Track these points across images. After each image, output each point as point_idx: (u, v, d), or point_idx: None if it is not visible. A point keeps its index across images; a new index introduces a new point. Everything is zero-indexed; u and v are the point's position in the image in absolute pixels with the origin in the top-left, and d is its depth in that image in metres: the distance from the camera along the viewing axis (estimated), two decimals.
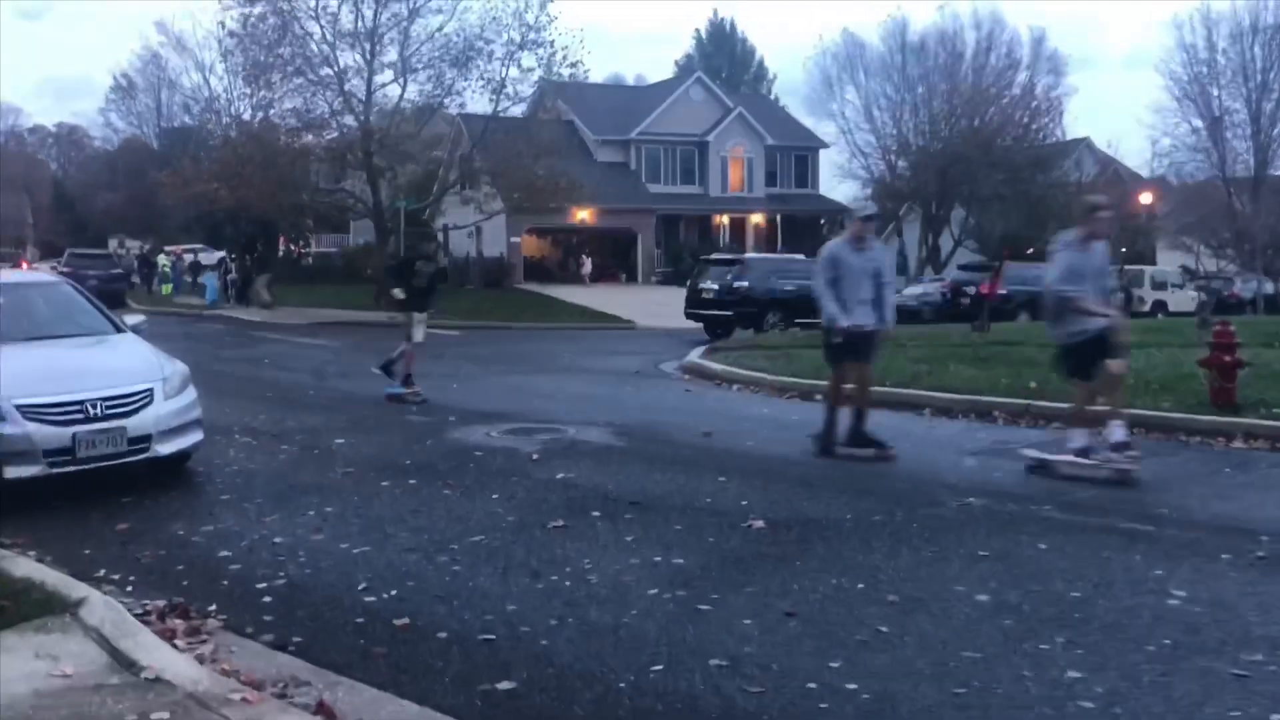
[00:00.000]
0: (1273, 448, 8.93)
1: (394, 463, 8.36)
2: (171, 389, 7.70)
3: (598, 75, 42.66)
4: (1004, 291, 23.71)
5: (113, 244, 72.43)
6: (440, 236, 44.57)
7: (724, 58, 66.94)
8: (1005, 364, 13.57)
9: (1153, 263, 45.51)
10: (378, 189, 32.48)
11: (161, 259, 41.91)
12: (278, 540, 6.15)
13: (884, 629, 4.58)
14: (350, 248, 52.46)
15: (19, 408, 6.94)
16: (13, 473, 6.88)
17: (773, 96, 61.23)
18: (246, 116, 32.05)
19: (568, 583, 5.29)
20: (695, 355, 17.30)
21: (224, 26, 31.05)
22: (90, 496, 7.11)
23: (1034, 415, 10.46)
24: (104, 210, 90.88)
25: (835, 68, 49.87)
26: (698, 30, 73.19)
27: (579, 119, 44.26)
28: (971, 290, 28.25)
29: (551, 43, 31.84)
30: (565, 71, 33.02)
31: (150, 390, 7.50)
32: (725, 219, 46.87)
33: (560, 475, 7.78)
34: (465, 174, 35.89)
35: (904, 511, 6.64)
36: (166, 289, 40.44)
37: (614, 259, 45.42)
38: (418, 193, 36.01)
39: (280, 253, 54.18)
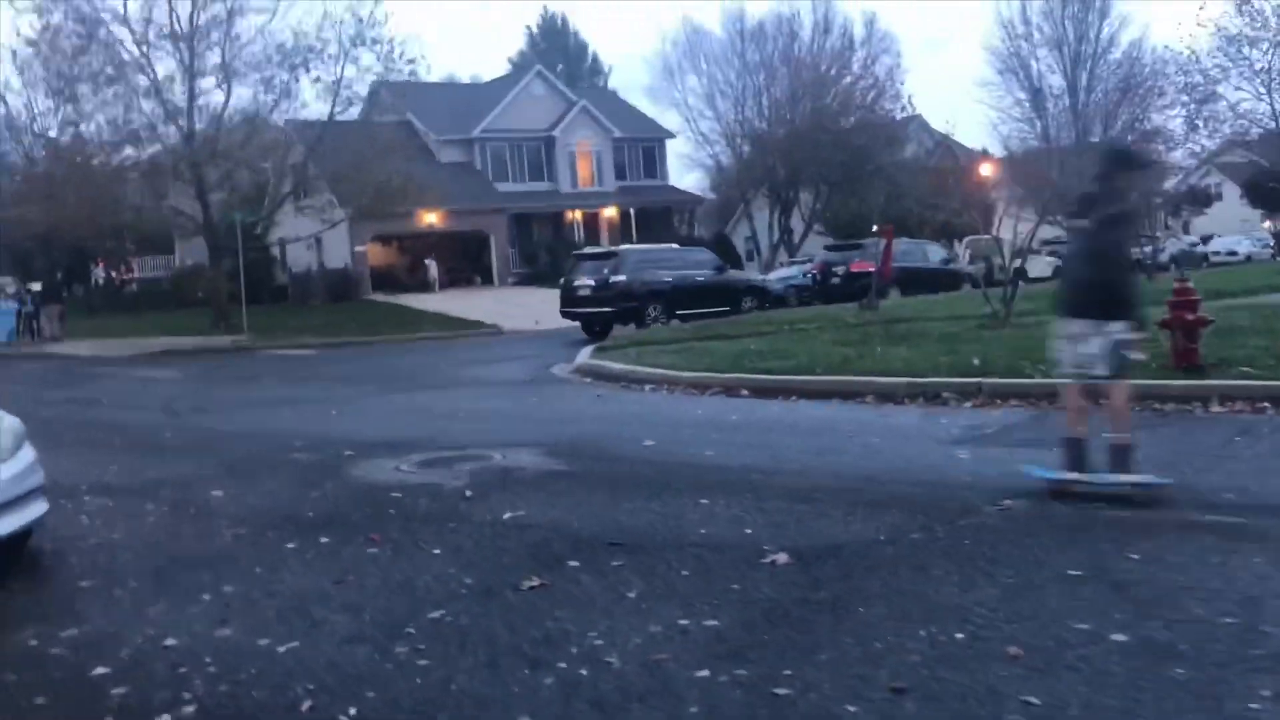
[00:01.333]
0: (1254, 409, 8.35)
1: (293, 515, 6.85)
2: (2, 451, 6.02)
3: (432, 76, 40.71)
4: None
5: None
6: (276, 251, 42.00)
7: (558, 54, 65.66)
8: (929, 341, 12.85)
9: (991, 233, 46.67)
10: (208, 204, 29.97)
11: None
12: (171, 642, 4.64)
13: (1033, 700, 3.49)
14: (178, 269, 48.93)
15: None
16: None
17: (611, 90, 60.36)
18: (53, 133, 29.04)
19: (583, 670, 4.02)
20: (586, 356, 16.10)
21: (19, 34, 28.01)
22: None
23: (989, 395, 9.68)
24: None
25: (676, 56, 49.48)
26: (529, 27, 71.83)
27: (418, 119, 42.28)
28: (841, 270, 27.94)
29: (390, 40, 30.03)
30: (405, 68, 31.23)
31: None
32: (578, 214, 45.66)
33: (508, 515, 6.44)
34: (300, 182, 33.64)
35: (941, 525, 5.60)
36: None
37: (466, 262, 43.63)
38: (250, 205, 33.51)
39: (100, 279, 50.23)
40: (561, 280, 23.91)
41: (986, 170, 45.77)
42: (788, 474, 7.08)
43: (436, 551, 5.79)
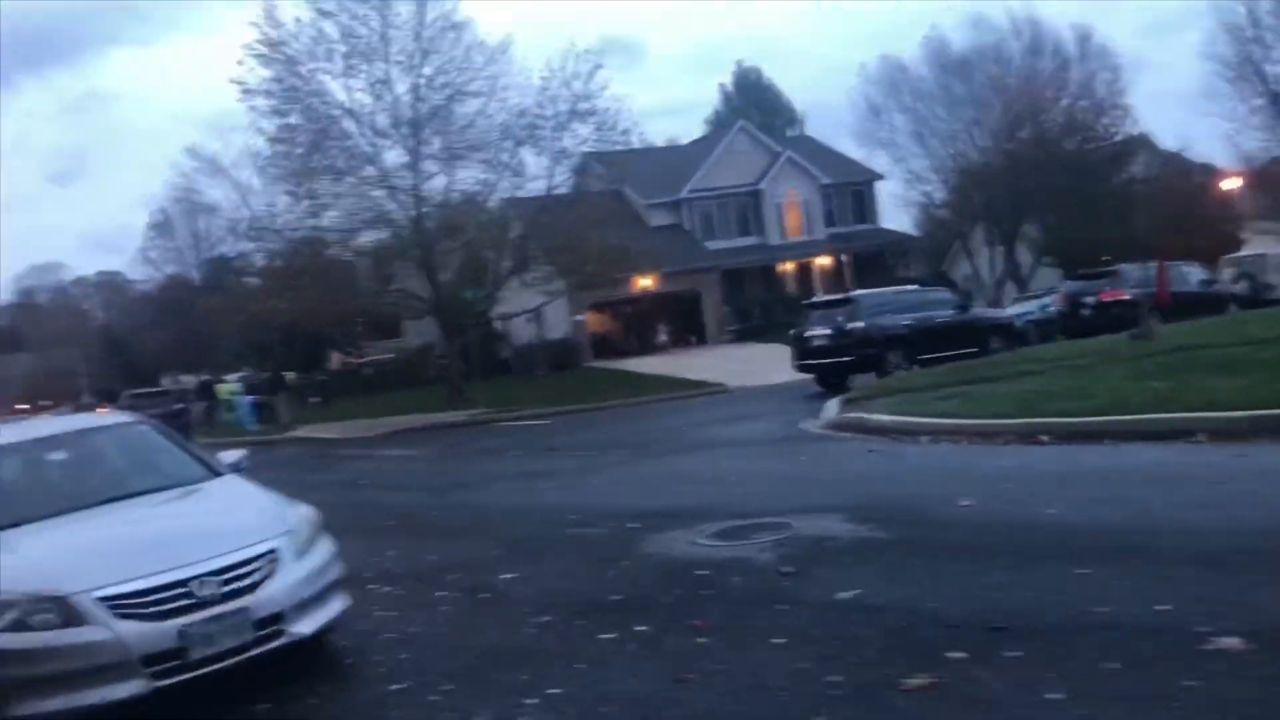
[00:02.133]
0: None
1: (596, 600, 6.23)
2: (301, 543, 5.65)
3: (636, 142, 40.75)
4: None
5: (166, 381, 71.83)
6: (498, 325, 43.03)
7: (754, 108, 65.48)
8: (1248, 368, 11.23)
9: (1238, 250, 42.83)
10: (437, 284, 30.82)
11: (223, 388, 40.36)
12: None
13: None
14: (407, 349, 50.98)
15: (103, 601, 4.93)
16: (101, 696, 4.84)
17: (810, 137, 59.52)
18: (292, 228, 30.62)
19: None
20: (835, 409, 15.14)
21: (263, 133, 29.76)
22: (209, 718, 5.06)
23: None
24: (154, 349, 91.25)
25: (880, 95, 48.17)
26: (722, 85, 72.05)
27: (626, 186, 42.65)
28: (1091, 300, 25.86)
29: (607, 110, 30.25)
30: (619, 137, 31.37)
31: (274, 550, 5.45)
32: (790, 265, 44.80)
33: (844, 594, 5.59)
34: (520, 257, 34.27)
35: None
36: (227, 417, 38.84)
37: (680, 322, 43.45)
38: (475, 283, 34.36)
39: (336, 365, 52.88)
40: (792, 332, 23.01)
41: (1233, 184, 42.29)
42: (1172, 533, 5.92)
43: (779, 641, 5.00)
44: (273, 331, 50.14)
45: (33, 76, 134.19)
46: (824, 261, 45.14)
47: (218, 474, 6.51)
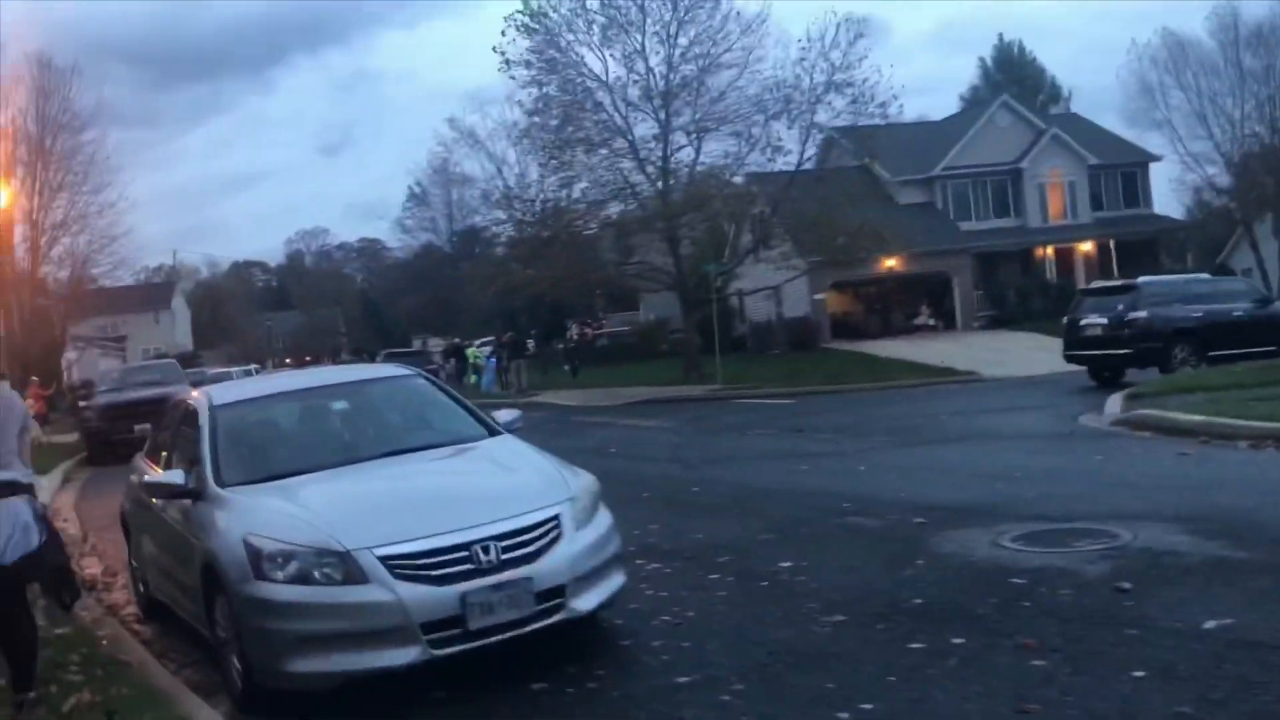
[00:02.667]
0: None
1: (895, 601, 5.55)
2: (583, 512, 5.26)
3: (899, 116, 38.95)
4: None
5: (416, 343, 75.60)
6: (734, 301, 42.56)
7: (1014, 84, 61.87)
8: None
9: None
10: (679, 258, 30.64)
11: (472, 351, 41.83)
12: None
13: None
14: (644, 323, 51.38)
15: (384, 560, 4.67)
16: (378, 661, 4.59)
17: (1077, 114, 55.63)
18: (544, 198, 31.18)
19: None
20: (1119, 405, 13.73)
21: (522, 106, 30.36)
22: (482, 692, 4.74)
23: None
24: (406, 313, 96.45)
25: (1156, 72, 44.33)
26: (981, 60, 68.51)
27: (875, 162, 41.05)
28: None
29: (865, 81, 29.09)
30: (875, 111, 30.12)
31: (557, 518, 5.08)
32: (1049, 250, 41.99)
33: (1207, 623, 4.67)
34: (762, 233, 33.60)
35: None
36: (473, 379, 40.23)
37: (927, 306, 41.55)
38: (715, 258, 33.98)
39: (575, 335, 53.93)
40: (1065, 319, 21.28)
41: None
42: None
43: (1139, 674, 4.17)
44: (519, 299, 51.76)
45: (308, 56, 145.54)
46: (1087, 247, 42.04)
47: (494, 432, 6.24)
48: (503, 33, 29.41)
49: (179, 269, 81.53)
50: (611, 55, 29.76)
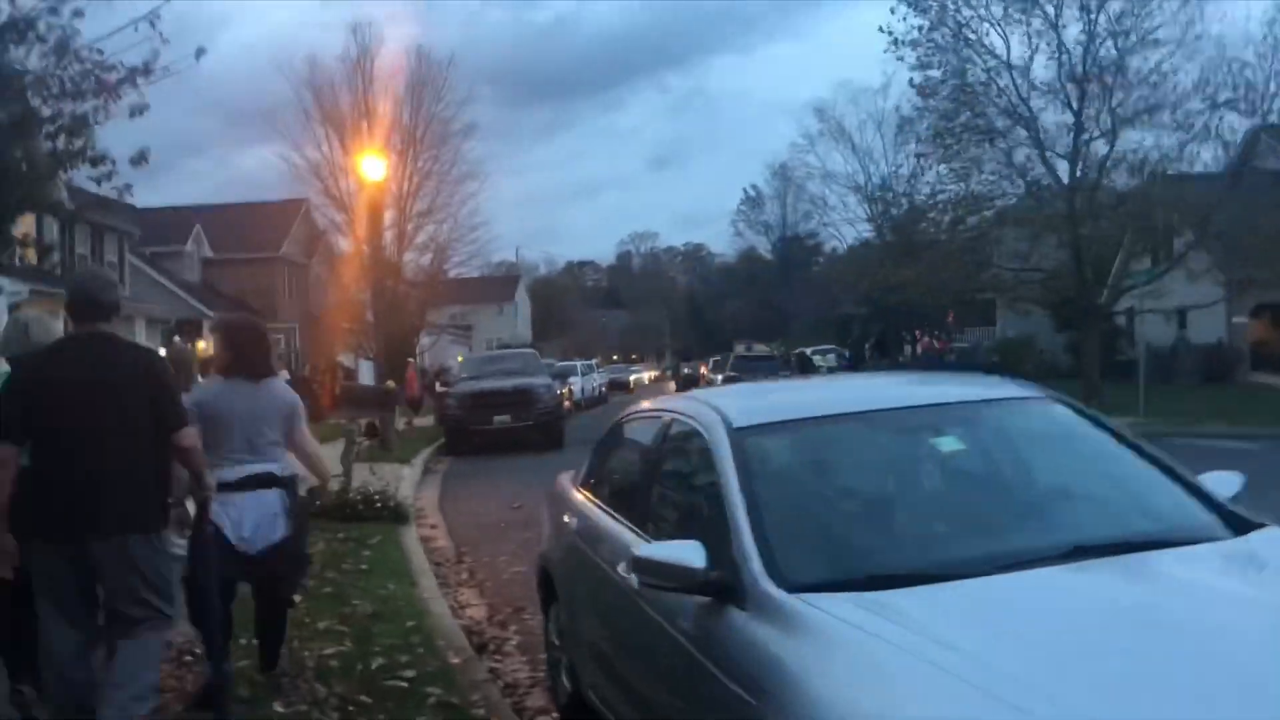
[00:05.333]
0: None
1: None
2: None
3: None
4: None
5: (739, 348, 73.94)
6: (1124, 321, 37.09)
7: None
8: None
9: None
10: (1083, 266, 26.33)
11: (818, 359, 39.20)
12: None
13: None
14: (1002, 339, 46.55)
15: None
16: None
17: None
18: (929, 193, 27.94)
19: None
20: None
21: (912, 83, 27.16)
22: None
23: None
24: (730, 317, 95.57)
25: None
26: None
27: None
28: None
29: None
30: None
31: None
32: None
33: None
34: (1180, 245, 28.46)
35: None
36: None
37: None
38: (1120, 269, 29.21)
39: (919, 347, 49.90)
40: None
41: None
42: None
43: None
44: (860, 306, 48.41)
45: (647, 78, 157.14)
46: None
47: (1241, 520, 3.31)
48: (891, 10, 26.40)
49: (519, 265, 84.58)
50: (1015, 32, 25.96)
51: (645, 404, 5.02)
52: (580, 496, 5.06)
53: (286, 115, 38.12)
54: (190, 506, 4.56)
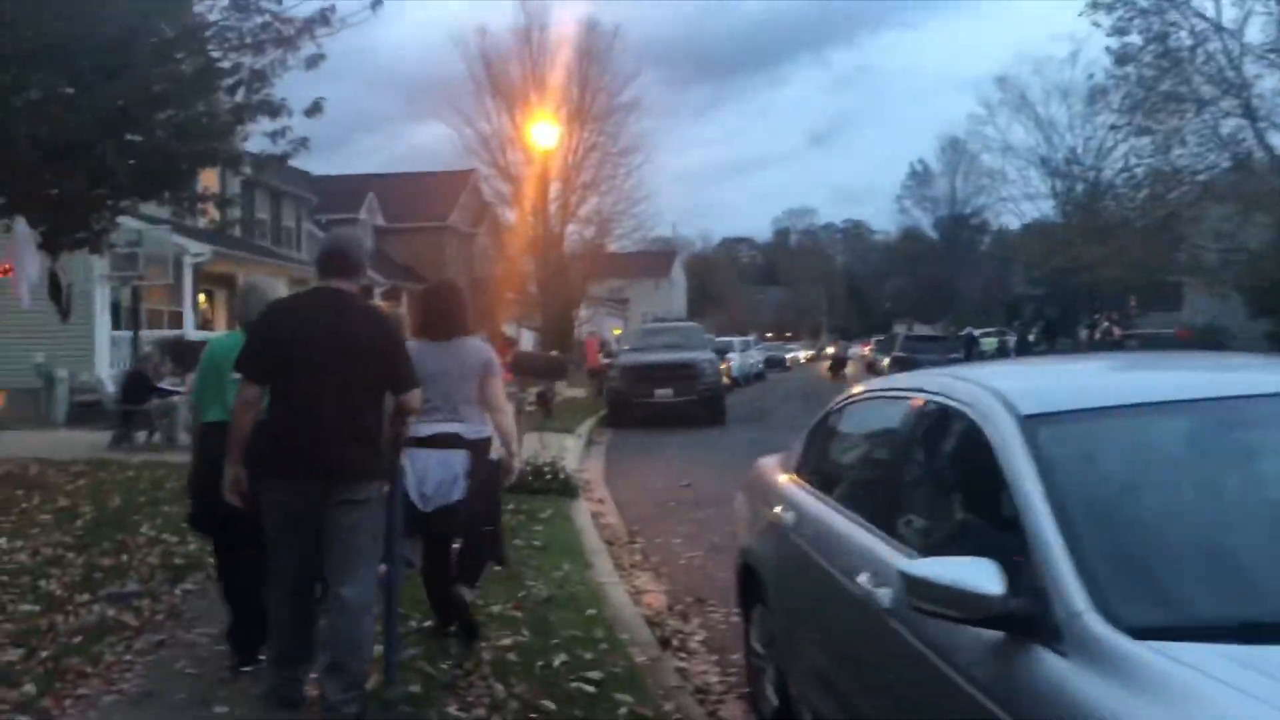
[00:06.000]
0: None
1: None
2: None
3: None
4: None
5: (899, 328, 71.79)
6: None
7: None
8: None
9: None
10: None
11: (989, 341, 37.32)
12: None
13: None
14: (1187, 326, 43.50)
15: None
16: None
17: None
18: (1116, 168, 26.03)
19: None
20: None
21: (1109, 50, 25.31)
22: None
23: None
24: (891, 296, 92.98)
25: None
26: None
27: None
28: None
29: None
30: None
31: None
32: None
33: None
34: None
35: None
36: None
37: None
38: None
39: (1100, 331, 47.14)
40: None
41: None
42: None
43: None
44: (1036, 286, 46.02)
45: (809, 54, 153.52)
46: None
47: None
48: None
49: (674, 241, 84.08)
50: None
51: (877, 382, 4.34)
52: (793, 487, 4.42)
53: (458, 88, 38.55)
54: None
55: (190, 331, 20.96)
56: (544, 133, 27.88)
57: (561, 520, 8.73)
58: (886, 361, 33.02)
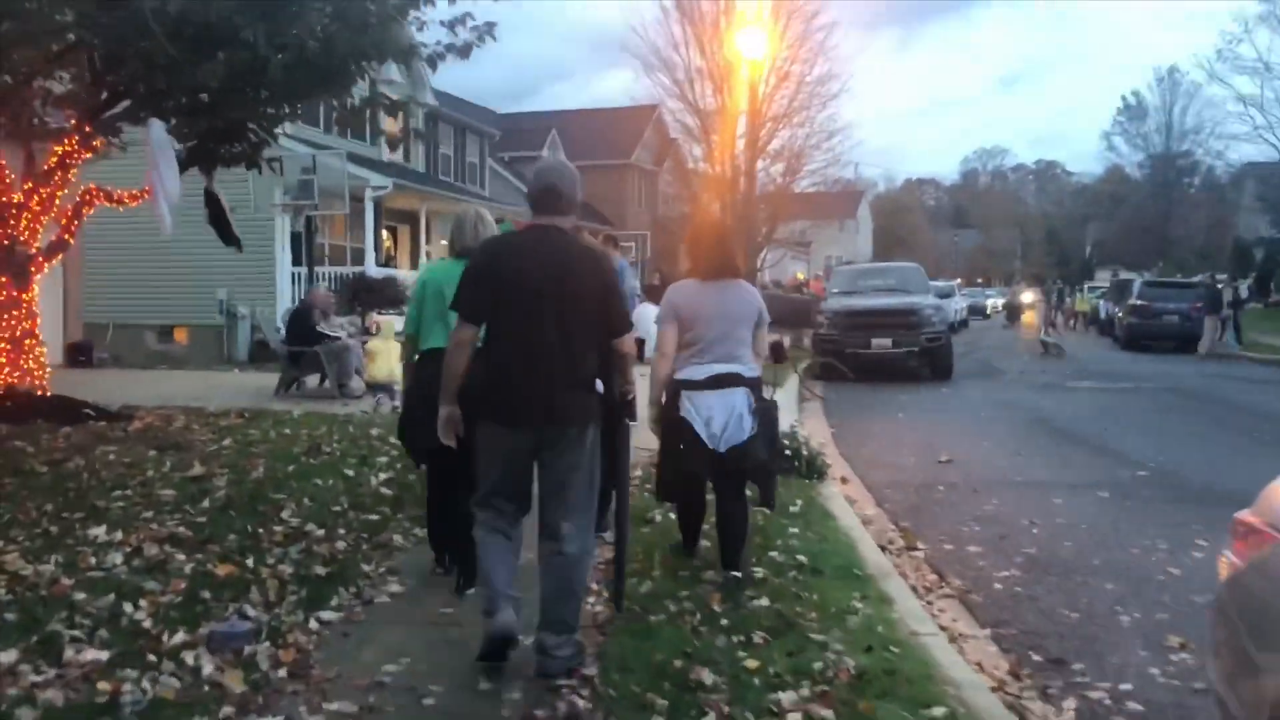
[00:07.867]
0: None
1: None
2: None
3: None
4: None
5: (1103, 275, 66.22)
6: None
7: None
8: None
9: None
10: None
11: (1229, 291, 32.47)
12: None
13: None
14: None
15: None
16: None
17: None
18: None
19: None
20: None
21: None
22: None
23: None
24: (1093, 240, 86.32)
25: None
26: None
27: None
28: None
29: None
30: None
31: None
32: None
33: None
34: None
35: None
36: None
37: None
38: None
39: None
40: None
41: None
42: None
43: None
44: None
45: None
46: None
47: None
48: None
49: (857, 182, 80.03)
50: None
51: None
52: None
53: (647, 19, 36.45)
54: None
55: (371, 269, 19.77)
56: (750, 40, 25.76)
57: (820, 517, 6.58)
58: (1121, 314, 29.23)
